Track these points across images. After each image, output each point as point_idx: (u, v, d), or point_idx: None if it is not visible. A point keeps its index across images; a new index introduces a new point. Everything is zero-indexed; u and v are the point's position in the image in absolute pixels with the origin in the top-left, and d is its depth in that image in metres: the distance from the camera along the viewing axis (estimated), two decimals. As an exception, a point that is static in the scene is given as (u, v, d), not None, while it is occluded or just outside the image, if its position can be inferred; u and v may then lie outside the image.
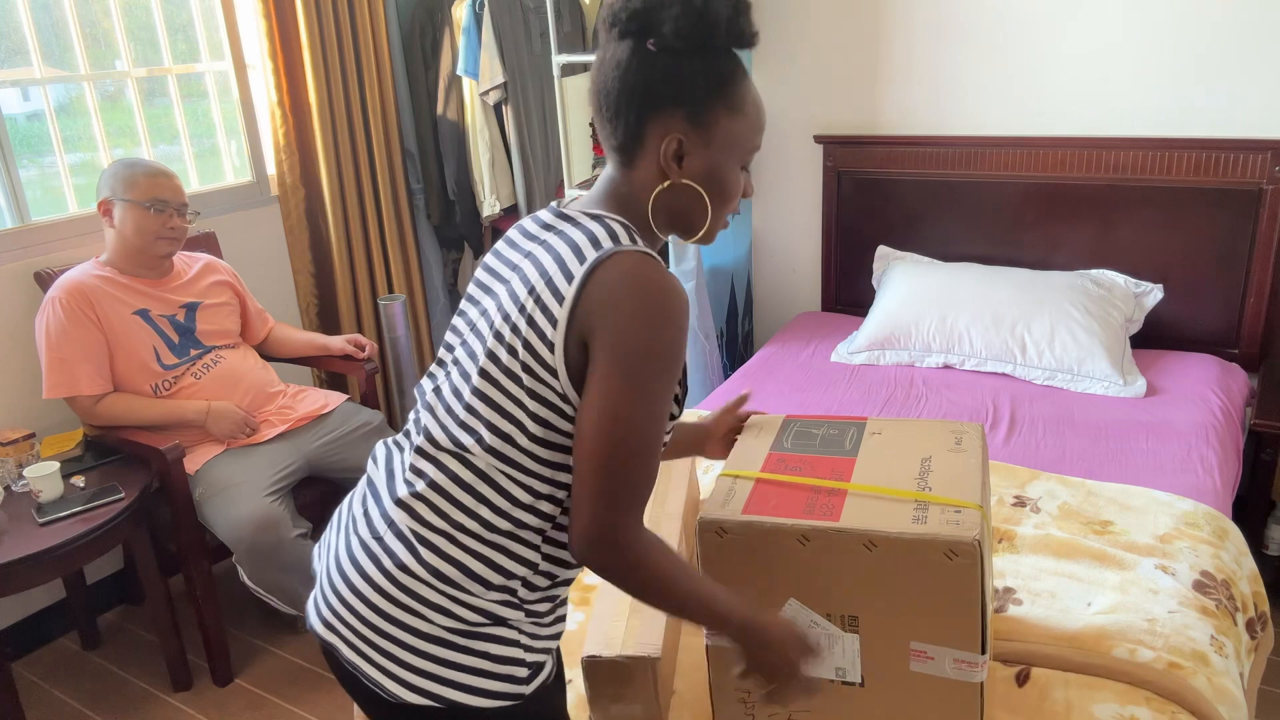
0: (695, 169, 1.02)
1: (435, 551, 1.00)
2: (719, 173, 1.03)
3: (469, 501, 1.01)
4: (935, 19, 2.83)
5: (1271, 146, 2.46)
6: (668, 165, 1.01)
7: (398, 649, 1.01)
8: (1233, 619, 1.63)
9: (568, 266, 0.97)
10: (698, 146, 1.01)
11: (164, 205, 2.22)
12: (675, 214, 1.05)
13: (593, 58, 2.93)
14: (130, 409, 2.24)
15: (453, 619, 1.00)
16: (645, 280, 0.94)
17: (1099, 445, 2.18)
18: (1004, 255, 2.89)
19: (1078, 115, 2.72)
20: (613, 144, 1.03)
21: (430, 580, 1.00)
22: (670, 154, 1.00)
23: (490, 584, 1.01)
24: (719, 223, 1.07)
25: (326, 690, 2.29)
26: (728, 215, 1.08)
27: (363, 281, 3.17)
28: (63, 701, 2.31)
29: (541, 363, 0.96)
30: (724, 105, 1.00)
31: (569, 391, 0.97)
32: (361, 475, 2.45)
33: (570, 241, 0.99)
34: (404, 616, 1.01)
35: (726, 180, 1.04)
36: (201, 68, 2.92)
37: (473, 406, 1.00)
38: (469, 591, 1.00)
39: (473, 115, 3.19)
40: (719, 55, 0.99)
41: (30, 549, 1.93)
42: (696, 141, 1.00)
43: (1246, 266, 2.58)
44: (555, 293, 0.96)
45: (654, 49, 0.98)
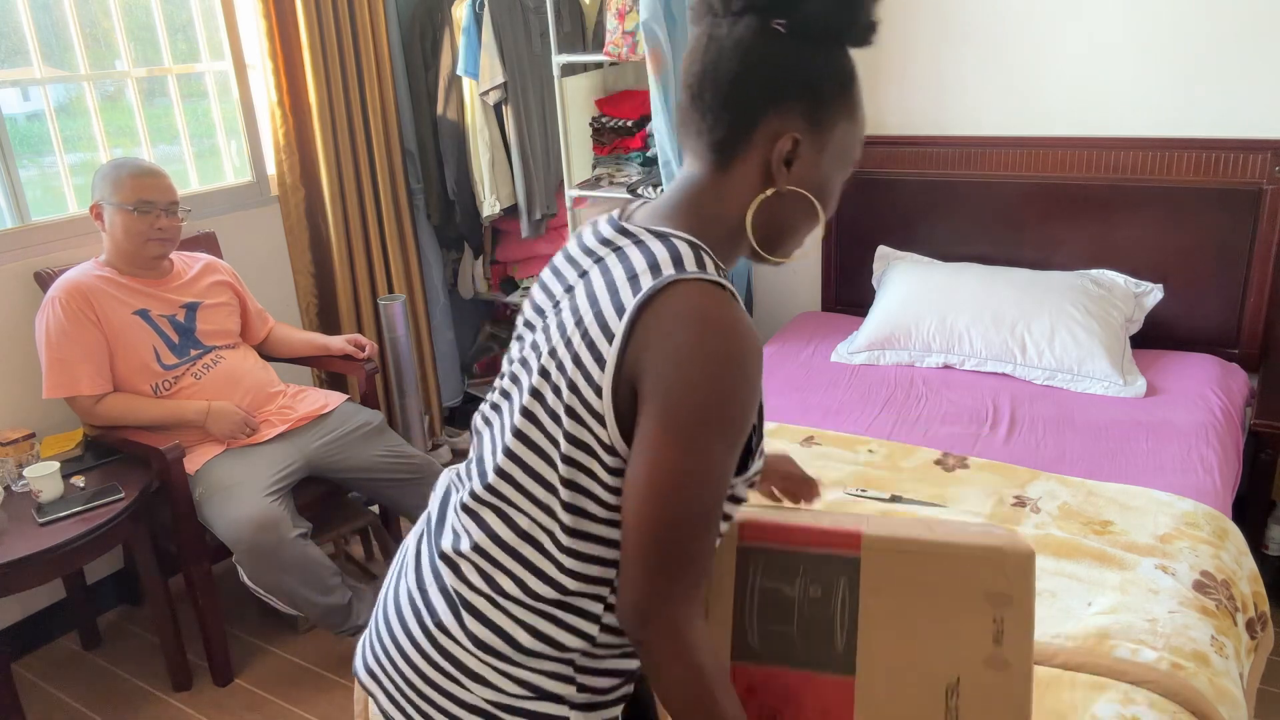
0: (803, 177, 0.87)
1: (477, 616, 0.91)
2: (828, 185, 0.89)
3: (512, 565, 0.91)
4: (935, 19, 2.83)
5: (1271, 146, 2.46)
6: (777, 169, 0.86)
7: (434, 712, 0.94)
8: (1233, 619, 1.63)
9: (620, 297, 0.84)
10: (811, 151, 0.87)
11: (149, 206, 2.21)
12: (770, 228, 0.90)
13: (593, 57, 2.94)
14: (130, 409, 2.24)
15: (493, 690, 0.91)
16: (707, 318, 0.80)
17: (1099, 445, 2.18)
18: (1004, 255, 2.89)
19: (1078, 115, 2.72)
20: (709, 140, 0.88)
21: (470, 647, 0.92)
22: (783, 155, 0.86)
23: (537, 654, 0.91)
24: (804, 237, 0.93)
25: (326, 690, 2.29)
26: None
27: (363, 281, 3.17)
28: (63, 701, 2.31)
29: (588, 408, 0.84)
30: (845, 107, 0.87)
31: (617, 443, 0.84)
32: (361, 475, 2.47)
33: (628, 265, 0.86)
34: (442, 681, 0.93)
35: (832, 194, 0.90)
36: (201, 68, 2.92)
37: (511, 450, 0.90)
38: (512, 662, 0.91)
39: (473, 115, 3.18)
40: (845, 50, 0.86)
41: (30, 549, 1.93)
42: (811, 145, 0.86)
43: (1246, 266, 2.58)
44: (605, 329, 0.83)
45: (782, 30, 0.83)
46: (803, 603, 0.92)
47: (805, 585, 0.92)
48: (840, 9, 0.82)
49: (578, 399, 0.84)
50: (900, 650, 0.88)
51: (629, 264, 0.86)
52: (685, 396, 0.79)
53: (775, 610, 0.93)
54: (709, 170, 0.89)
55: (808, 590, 0.92)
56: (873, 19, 0.85)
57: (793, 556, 0.93)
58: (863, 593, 0.90)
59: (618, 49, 2.85)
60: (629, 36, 2.82)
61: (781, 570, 0.93)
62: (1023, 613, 0.86)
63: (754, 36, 0.84)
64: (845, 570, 0.91)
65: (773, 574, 0.93)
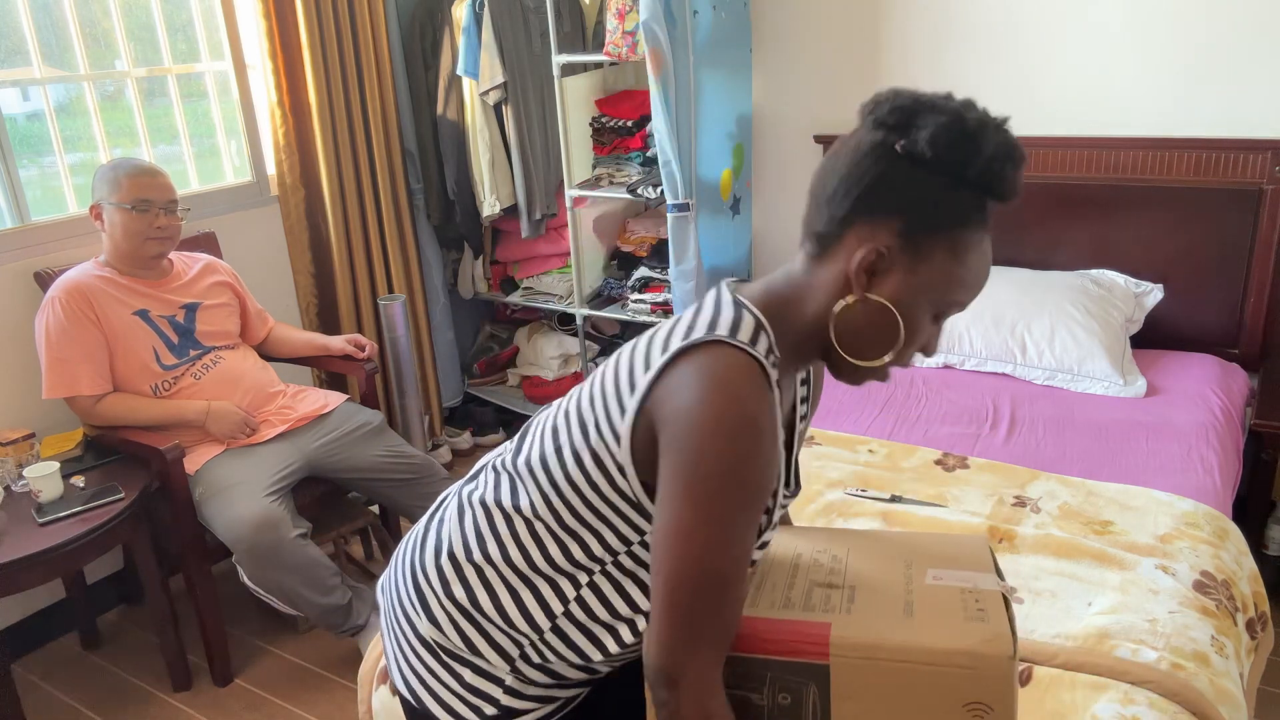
0: (887, 292, 0.88)
1: (454, 564, 1.00)
2: (912, 309, 0.88)
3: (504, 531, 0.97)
4: (935, 19, 2.83)
5: (1271, 146, 2.46)
6: (856, 276, 0.88)
7: (400, 635, 1.05)
8: (1233, 619, 1.63)
9: (655, 350, 0.88)
10: (899, 269, 0.87)
11: (148, 205, 2.21)
12: (850, 334, 0.90)
13: (593, 57, 2.94)
14: (130, 409, 2.24)
15: (440, 632, 1.00)
16: (720, 380, 0.82)
17: (1099, 445, 2.18)
18: (1004, 255, 2.89)
19: (1078, 115, 2.72)
20: (812, 229, 0.91)
21: (438, 589, 1.01)
22: (863, 263, 0.87)
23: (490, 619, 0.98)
24: (880, 363, 0.91)
25: (326, 690, 2.29)
26: (897, 366, 0.92)
27: (363, 281, 3.17)
28: (63, 701, 2.31)
29: (611, 455, 0.89)
30: (947, 243, 0.86)
31: (638, 494, 0.89)
32: (361, 475, 2.47)
33: (687, 320, 0.90)
34: (409, 608, 1.03)
35: (913, 317, 0.88)
36: (201, 68, 2.92)
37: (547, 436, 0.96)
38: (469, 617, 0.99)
39: (473, 115, 3.18)
40: (966, 191, 0.86)
41: (30, 549, 1.93)
42: (901, 264, 0.87)
43: (1246, 266, 2.58)
44: (633, 378, 0.88)
45: (900, 151, 0.87)
46: (772, 710, 0.88)
47: (774, 694, 0.88)
48: (950, 146, 0.85)
49: (601, 442, 0.89)
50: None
51: (688, 319, 0.90)
52: (701, 462, 0.80)
53: (743, 718, 0.89)
54: (807, 260, 0.93)
55: (776, 699, 0.88)
56: (999, 174, 0.85)
57: (759, 664, 0.88)
58: (834, 700, 0.85)
59: (618, 49, 2.85)
60: (629, 36, 2.82)
61: (747, 677, 0.89)
62: (1004, 717, 0.82)
63: (873, 146, 0.88)
64: (814, 677, 0.86)
65: (739, 681, 0.89)
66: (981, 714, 0.80)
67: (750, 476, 0.81)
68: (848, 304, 0.89)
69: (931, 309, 0.89)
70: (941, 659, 0.81)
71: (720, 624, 0.83)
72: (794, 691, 0.86)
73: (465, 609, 0.98)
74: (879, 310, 0.88)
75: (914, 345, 0.90)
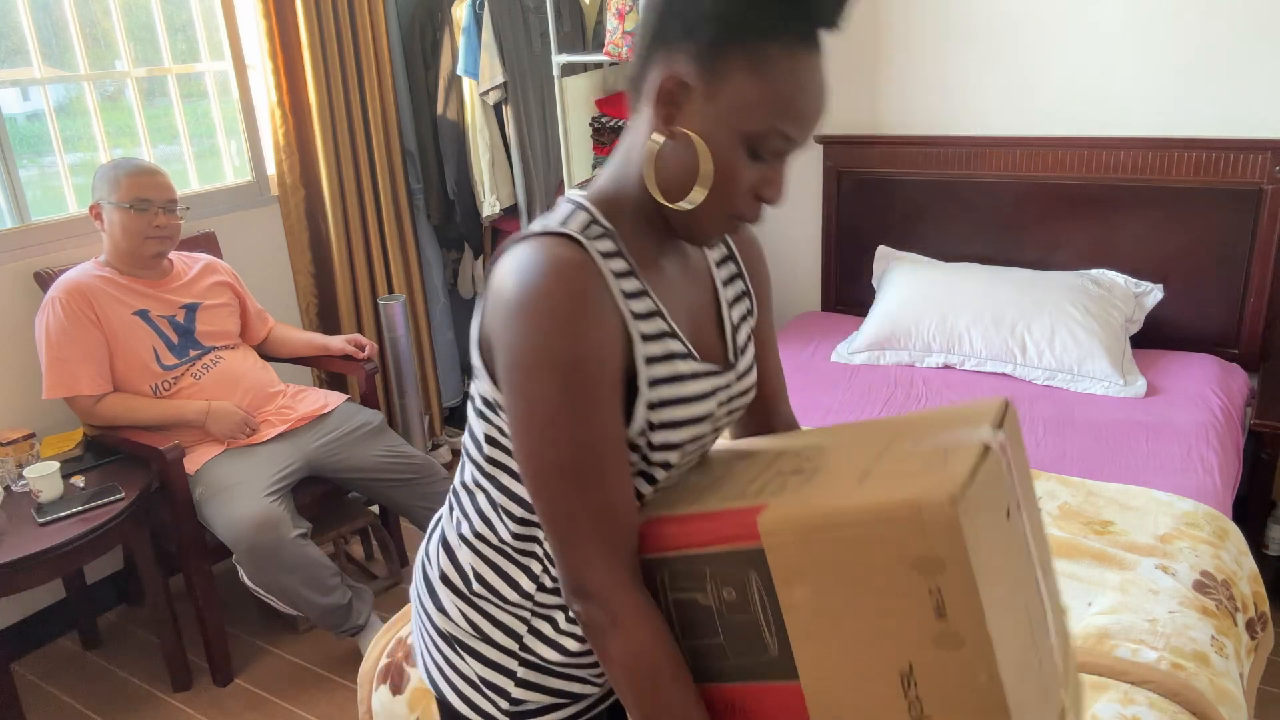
0: (691, 123, 0.81)
1: (445, 549, 0.99)
2: (714, 137, 0.80)
3: (469, 507, 0.97)
4: (935, 19, 2.83)
5: (1271, 146, 2.46)
6: (656, 110, 0.81)
7: (421, 630, 1.04)
8: (1233, 619, 1.63)
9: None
10: (699, 96, 0.80)
11: (147, 204, 2.21)
12: (667, 179, 0.84)
13: (593, 57, 2.94)
14: (130, 409, 2.24)
15: (451, 622, 0.99)
16: (524, 266, 0.79)
17: (1099, 445, 2.18)
18: (1004, 255, 2.89)
19: (1078, 115, 2.72)
20: (628, 78, 0.87)
21: (435, 578, 1.00)
22: (660, 95, 0.81)
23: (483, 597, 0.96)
24: (706, 208, 0.83)
25: (326, 690, 2.29)
26: (730, 214, 0.84)
27: (363, 281, 3.17)
28: (63, 701, 2.31)
29: (483, 395, 0.89)
30: (744, 60, 0.78)
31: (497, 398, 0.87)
32: (361, 475, 2.47)
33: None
34: (424, 603, 1.02)
35: (721, 147, 0.80)
36: (201, 68, 2.92)
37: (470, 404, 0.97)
38: (465, 599, 0.97)
39: (473, 115, 3.18)
40: (762, 3, 0.78)
41: (30, 549, 1.93)
42: (700, 89, 0.79)
43: (1246, 266, 2.58)
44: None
45: None
46: (720, 609, 0.81)
47: (718, 590, 0.80)
48: None
49: (476, 386, 0.89)
50: (839, 643, 0.74)
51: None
52: (513, 348, 0.78)
53: (696, 624, 0.83)
54: (631, 115, 0.87)
55: (721, 595, 0.80)
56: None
57: (695, 560, 0.80)
58: (778, 586, 0.76)
59: (618, 49, 2.85)
60: (629, 36, 2.82)
61: (688, 577, 0.82)
62: (961, 576, 0.68)
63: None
64: (753, 564, 0.77)
65: (681, 584, 0.82)
66: (934, 572, 0.68)
67: (566, 350, 0.77)
68: (657, 145, 0.82)
69: (744, 140, 0.80)
70: (876, 516, 0.70)
71: (598, 517, 0.79)
72: (737, 584, 0.78)
73: (461, 591, 0.98)
74: (686, 146, 0.81)
75: (734, 185, 0.82)
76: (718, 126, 0.80)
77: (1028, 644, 0.75)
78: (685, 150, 0.81)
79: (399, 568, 2.74)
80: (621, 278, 0.84)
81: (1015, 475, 0.80)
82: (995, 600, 0.70)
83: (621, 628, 0.79)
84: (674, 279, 0.93)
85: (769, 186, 0.83)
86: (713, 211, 0.83)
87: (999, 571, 0.72)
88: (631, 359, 0.84)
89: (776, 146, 0.81)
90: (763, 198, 0.84)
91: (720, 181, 0.81)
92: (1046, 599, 0.83)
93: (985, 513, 0.71)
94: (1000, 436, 0.77)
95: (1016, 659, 0.71)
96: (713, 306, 0.98)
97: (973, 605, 0.68)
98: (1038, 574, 0.80)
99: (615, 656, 0.80)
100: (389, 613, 2.52)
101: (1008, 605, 0.72)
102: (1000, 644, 0.69)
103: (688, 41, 0.79)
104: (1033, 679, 0.74)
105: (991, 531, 0.72)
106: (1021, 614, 0.75)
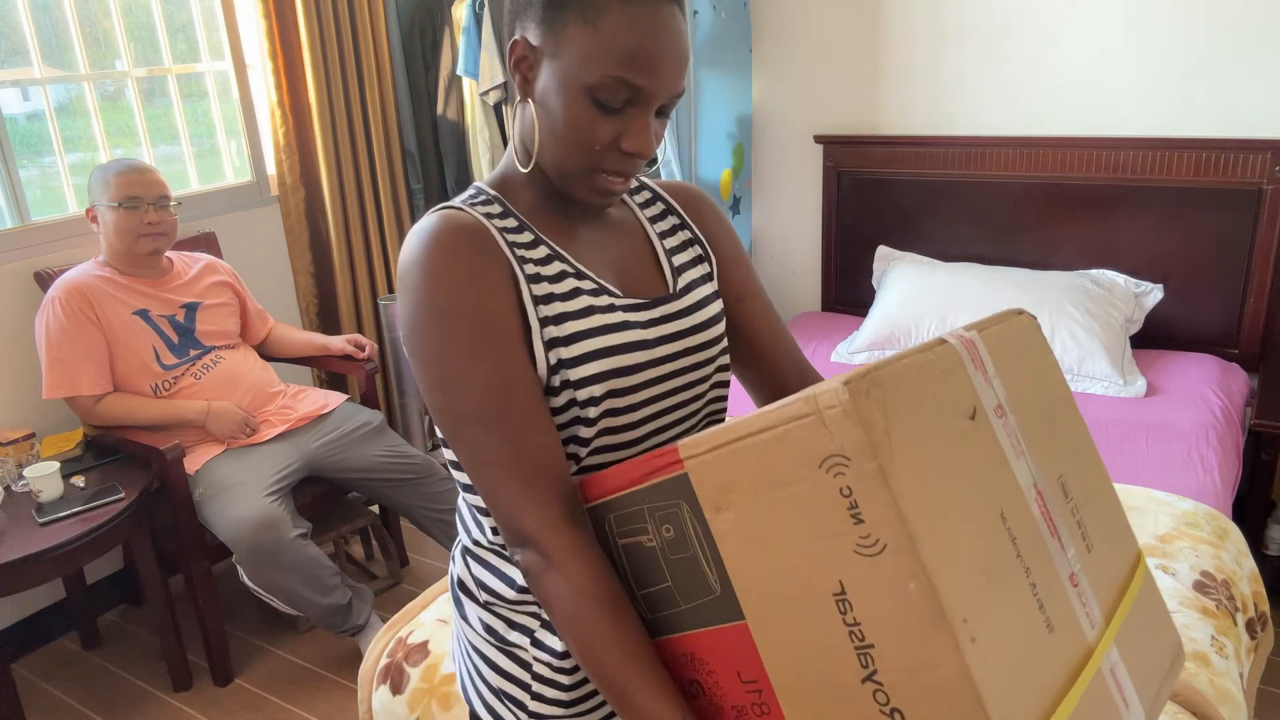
0: (543, 84, 0.83)
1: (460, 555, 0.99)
2: (561, 94, 0.81)
3: (463, 512, 0.98)
4: (935, 19, 2.83)
5: (1271, 146, 2.46)
6: (515, 76, 0.84)
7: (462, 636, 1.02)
8: (1233, 619, 1.63)
9: None
10: (547, 60, 0.82)
11: (136, 202, 2.22)
12: (538, 143, 0.86)
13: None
14: (130, 409, 2.24)
15: (470, 628, 0.98)
16: (411, 236, 0.84)
17: (1099, 445, 2.18)
18: (1004, 255, 2.89)
19: (1078, 115, 2.72)
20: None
21: (454, 584, 1.00)
22: (513, 63, 0.84)
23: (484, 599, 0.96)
24: (569, 167, 0.84)
25: (326, 690, 2.29)
26: (595, 168, 0.83)
27: (363, 281, 3.17)
28: (63, 701, 2.31)
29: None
30: (578, 13, 0.80)
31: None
32: (361, 475, 2.47)
33: None
34: (458, 616, 1.02)
35: (563, 104, 0.81)
36: (201, 68, 2.92)
37: None
38: (476, 602, 0.97)
39: (473, 115, 3.19)
40: None
41: (30, 549, 1.93)
42: (546, 53, 0.82)
43: (1246, 266, 2.58)
44: None
45: None
46: (663, 548, 0.78)
47: (658, 529, 0.78)
48: None
49: None
50: (772, 571, 0.70)
51: None
52: (402, 317, 0.82)
53: (645, 570, 0.80)
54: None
55: (661, 533, 0.77)
56: None
57: (630, 499, 0.79)
58: (706, 513, 0.73)
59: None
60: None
61: (630, 520, 0.80)
62: (869, 470, 0.61)
63: None
64: (681, 494, 0.74)
65: (625, 528, 0.80)
66: (842, 470, 0.63)
67: (447, 301, 0.79)
68: (522, 112, 0.86)
69: (586, 92, 0.80)
70: (780, 418, 0.66)
71: (515, 460, 0.79)
72: (672, 519, 0.76)
73: (476, 597, 0.97)
74: (543, 109, 0.83)
75: (587, 138, 0.82)
76: (563, 82, 0.81)
77: (999, 563, 0.67)
78: (543, 114, 0.83)
79: (399, 568, 2.74)
80: (512, 232, 0.86)
81: (1001, 379, 0.75)
82: (933, 502, 0.63)
83: (556, 565, 0.78)
84: (590, 236, 0.93)
85: (628, 138, 0.82)
86: (577, 167, 0.84)
87: (946, 474, 0.66)
88: (523, 303, 0.85)
89: (623, 96, 0.80)
90: (625, 149, 0.83)
91: (571, 136, 0.82)
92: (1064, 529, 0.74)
93: (922, 407, 0.66)
94: (971, 335, 0.74)
95: (973, 573, 0.64)
96: (648, 252, 0.97)
97: (885, 501, 0.61)
98: (1031, 493, 0.73)
99: (553, 596, 0.78)
100: (389, 613, 2.52)
101: (961, 513, 0.65)
102: (937, 549, 0.61)
103: (532, 7, 0.82)
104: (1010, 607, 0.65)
105: (934, 428, 0.66)
106: (988, 527, 0.67)
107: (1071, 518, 0.77)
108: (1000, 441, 0.72)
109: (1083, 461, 0.82)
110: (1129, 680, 0.74)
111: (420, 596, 1.88)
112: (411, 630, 1.74)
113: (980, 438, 0.70)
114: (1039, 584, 0.69)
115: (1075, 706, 0.66)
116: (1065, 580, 0.72)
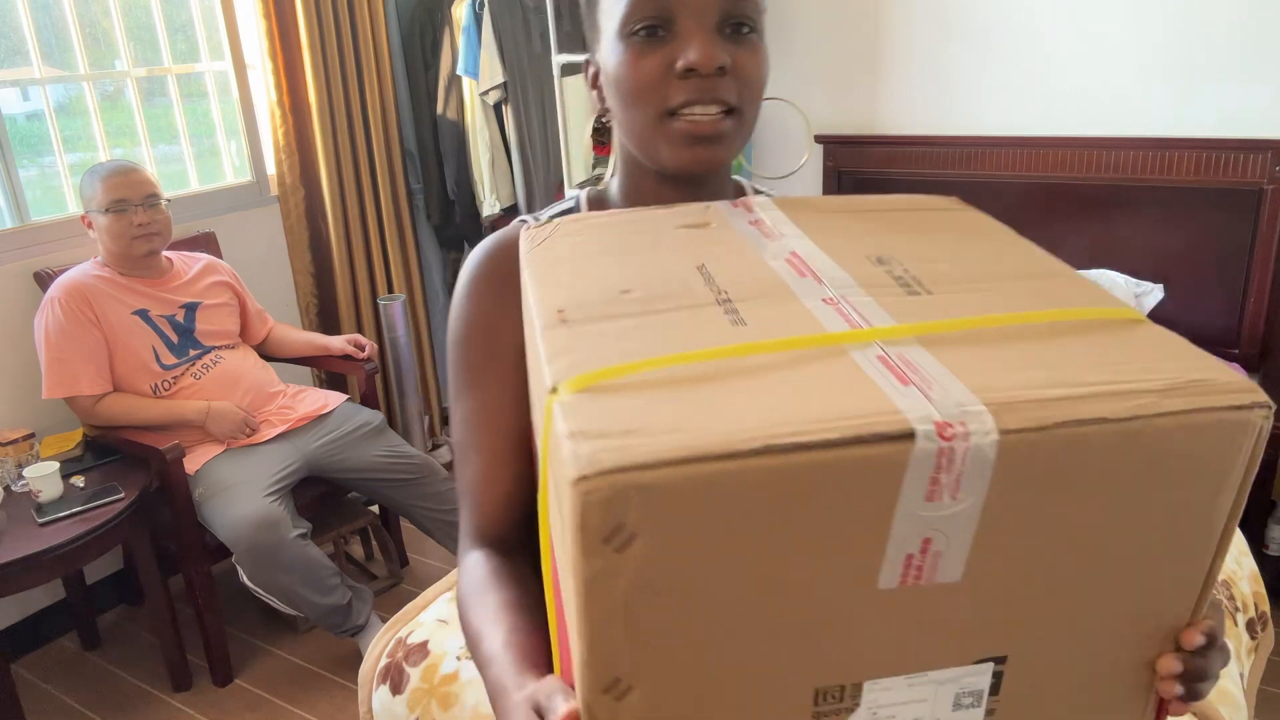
0: (602, 76, 0.83)
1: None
2: (608, 60, 0.79)
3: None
4: (935, 18, 2.83)
5: (1271, 146, 2.46)
6: (593, 97, 0.87)
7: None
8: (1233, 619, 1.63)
9: None
10: (596, 50, 0.83)
11: (124, 204, 2.21)
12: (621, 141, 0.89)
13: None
14: (130, 409, 2.24)
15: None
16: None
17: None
18: (1004, 255, 2.89)
19: (1078, 115, 2.72)
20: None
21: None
22: (589, 80, 0.87)
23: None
24: (641, 124, 0.79)
25: (326, 690, 2.29)
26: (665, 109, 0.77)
27: (363, 281, 3.17)
28: (63, 701, 2.31)
29: None
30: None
31: None
32: (361, 475, 2.47)
33: None
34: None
35: (615, 63, 0.78)
36: (201, 68, 2.92)
37: None
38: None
39: (473, 115, 3.18)
40: None
41: (30, 549, 1.93)
42: (594, 45, 0.84)
43: (1247, 266, 2.58)
44: None
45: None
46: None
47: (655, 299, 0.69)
48: None
49: None
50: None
51: None
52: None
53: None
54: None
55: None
56: None
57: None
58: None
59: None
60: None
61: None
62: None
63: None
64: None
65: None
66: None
67: (456, 326, 0.85)
68: (604, 122, 0.90)
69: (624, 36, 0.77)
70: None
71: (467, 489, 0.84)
72: None
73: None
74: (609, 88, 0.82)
75: (643, 77, 0.77)
76: (608, 46, 0.79)
77: (659, 291, 0.59)
78: (610, 92, 0.82)
79: (399, 568, 2.74)
80: None
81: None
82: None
83: (459, 573, 0.81)
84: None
85: (681, 56, 0.75)
86: (650, 117, 0.78)
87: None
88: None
89: (651, 15, 0.75)
90: (680, 67, 0.75)
91: (629, 85, 0.77)
92: (828, 275, 0.63)
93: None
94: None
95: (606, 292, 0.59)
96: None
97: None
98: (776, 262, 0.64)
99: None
100: (389, 613, 2.52)
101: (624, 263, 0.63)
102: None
103: (583, 27, 0.86)
104: (658, 314, 0.56)
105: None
106: (662, 273, 0.62)
107: (877, 267, 0.64)
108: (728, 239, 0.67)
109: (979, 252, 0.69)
110: (945, 372, 0.51)
111: (420, 597, 1.88)
112: (411, 630, 1.74)
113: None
114: (740, 308, 0.57)
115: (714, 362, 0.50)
116: (814, 301, 0.58)
